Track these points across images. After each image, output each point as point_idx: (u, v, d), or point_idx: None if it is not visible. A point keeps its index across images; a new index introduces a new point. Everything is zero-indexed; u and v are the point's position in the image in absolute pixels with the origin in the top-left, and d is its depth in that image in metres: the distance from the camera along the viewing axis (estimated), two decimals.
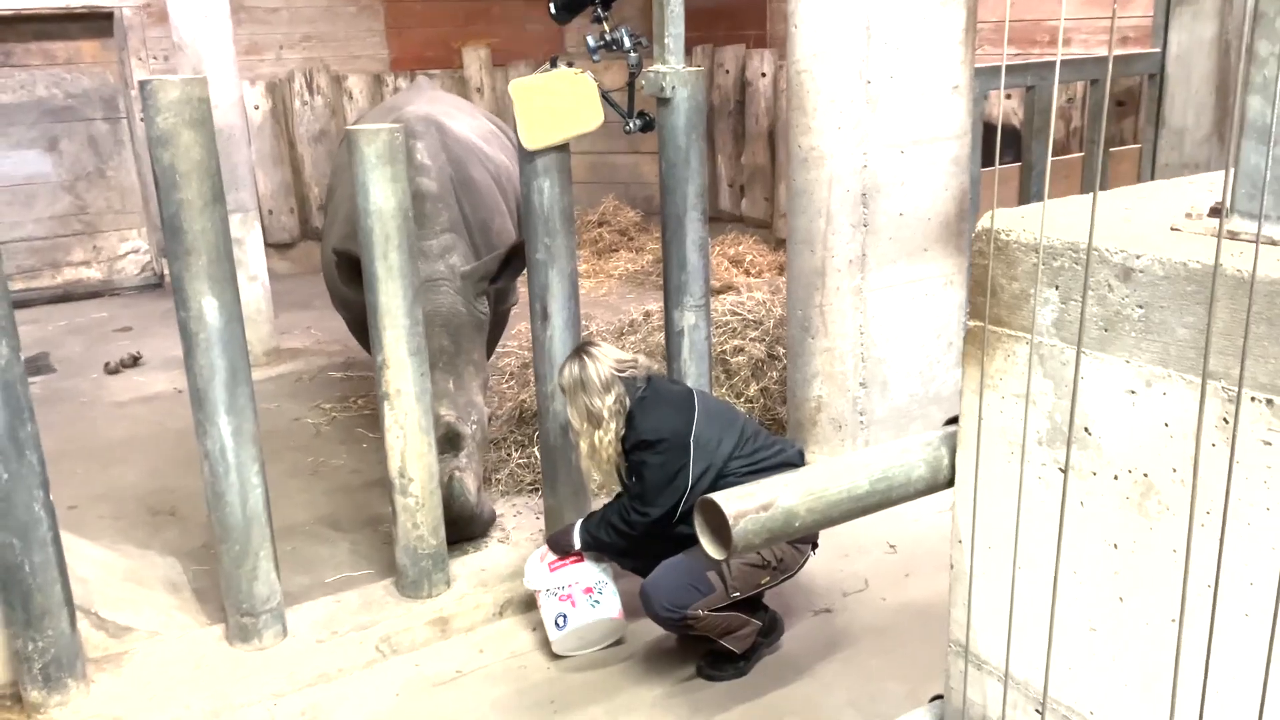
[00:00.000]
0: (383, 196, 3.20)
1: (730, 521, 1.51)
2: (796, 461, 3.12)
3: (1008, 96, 5.67)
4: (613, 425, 3.08)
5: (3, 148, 7.46)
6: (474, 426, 3.95)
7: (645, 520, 3.08)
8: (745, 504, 1.54)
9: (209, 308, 2.98)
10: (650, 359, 4.74)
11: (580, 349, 3.19)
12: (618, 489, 3.29)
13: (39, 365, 6.38)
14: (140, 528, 4.30)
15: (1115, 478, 1.46)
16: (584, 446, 3.17)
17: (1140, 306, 1.39)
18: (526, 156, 3.41)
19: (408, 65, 8.56)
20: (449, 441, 3.80)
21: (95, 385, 6.06)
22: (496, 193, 4.70)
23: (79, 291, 7.83)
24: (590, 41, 3.35)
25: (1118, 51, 5.60)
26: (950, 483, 1.70)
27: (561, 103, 3.34)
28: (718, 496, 1.55)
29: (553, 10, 3.38)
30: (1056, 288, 1.49)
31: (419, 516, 3.46)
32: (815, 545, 3.25)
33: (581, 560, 3.29)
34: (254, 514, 3.17)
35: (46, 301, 7.68)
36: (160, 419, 5.48)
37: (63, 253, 7.83)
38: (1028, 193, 4.86)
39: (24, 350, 6.69)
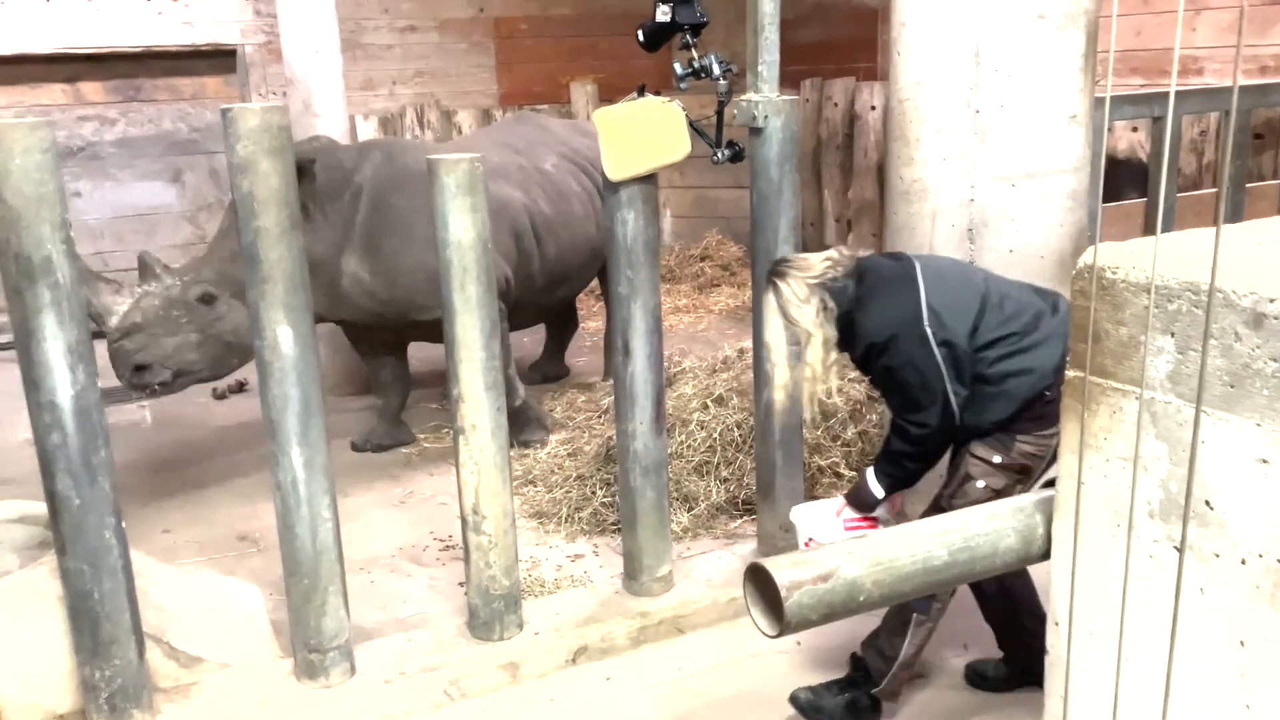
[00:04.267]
0: (462, 228, 3.14)
1: (783, 594, 1.33)
2: (1060, 331, 2.69)
3: (1133, 129, 5.33)
4: (819, 337, 2.80)
5: (130, 179, 7.79)
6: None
7: (926, 431, 2.74)
8: (801, 574, 1.36)
9: (284, 337, 2.95)
10: (735, 390, 4.57)
11: (771, 270, 2.92)
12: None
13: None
14: (228, 554, 4.32)
15: (1243, 562, 1.23)
16: (779, 375, 2.94)
17: (1274, 359, 1.17)
18: (611, 187, 3.31)
19: (516, 100, 8.64)
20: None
21: (202, 410, 6.20)
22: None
23: None
24: (677, 69, 3.24)
25: (1258, 81, 5.20)
26: (1045, 555, 1.48)
27: (647, 132, 3.23)
28: (769, 563, 1.37)
29: (641, 38, 3.27)
30: (1172, 335, 1.27)
31: (491, 555, 3.36)
32: None
33: (876, 526, 2.98)
34: (324, 548, 3.12)
35: None
36: (259, 445, 5.55)
37: None
38: (1152, 230, 4.53)
39: None
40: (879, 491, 2.94)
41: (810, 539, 3.03)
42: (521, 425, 5.09)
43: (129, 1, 7.37)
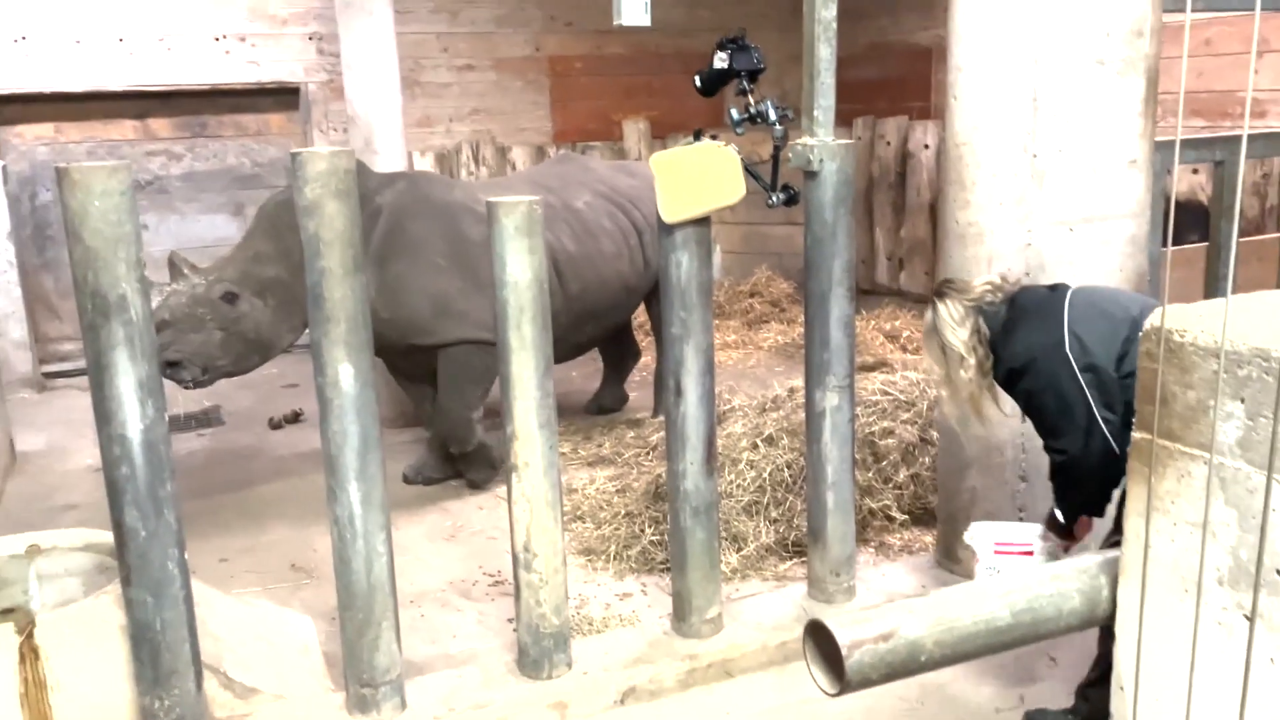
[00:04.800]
0: (519, 268, 3.18)
1: (844, 652, 1.33)
2: None
3: (1194, 171, 5.27)
4: (971, 360, 2.90)
5: (195, 211, 8.02)
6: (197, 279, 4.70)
7: (1065, 458, 2.77)
8: (862, 632, 1.36)
9: (345, 374, 3.00)
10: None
11: (936, 290, 3.03)
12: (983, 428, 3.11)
13: (211, 418, 6.72)
14: (282, 584, 4.39)
15: None
16: (945, 393, 3.01)
17: None
18: (665, 229, 3.34)
19: (570, 137, 8.76)
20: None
21: (258, 439, 6.32)
22: (436, 252, 5.01)
23: None
24: (733, 114, 3.27)
25: None
26: (1110, 618, 1.47)
27: (702, 176, 3.26)
28: (829, 621, 1.38)
29: (698, 84, 3.32)
30: (1242, 400, 1.26)
31: (542, 594, 3.37)
32: None
33: (1030, 556, 3.00)
34: (378, 582, 3.15)
35: None
36: (314, 475, 5.64)
37: None
38: (1215, 275, 4.46)
39: (199, 403, 7.12)
40: (1061, 517, 2.97)
41: (978, 558, 3.13)
42: (470, 465, 5.33)
43: (198, 42, 7.62)
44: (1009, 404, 3.06)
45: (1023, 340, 2.83)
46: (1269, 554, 1.24)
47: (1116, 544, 2.56)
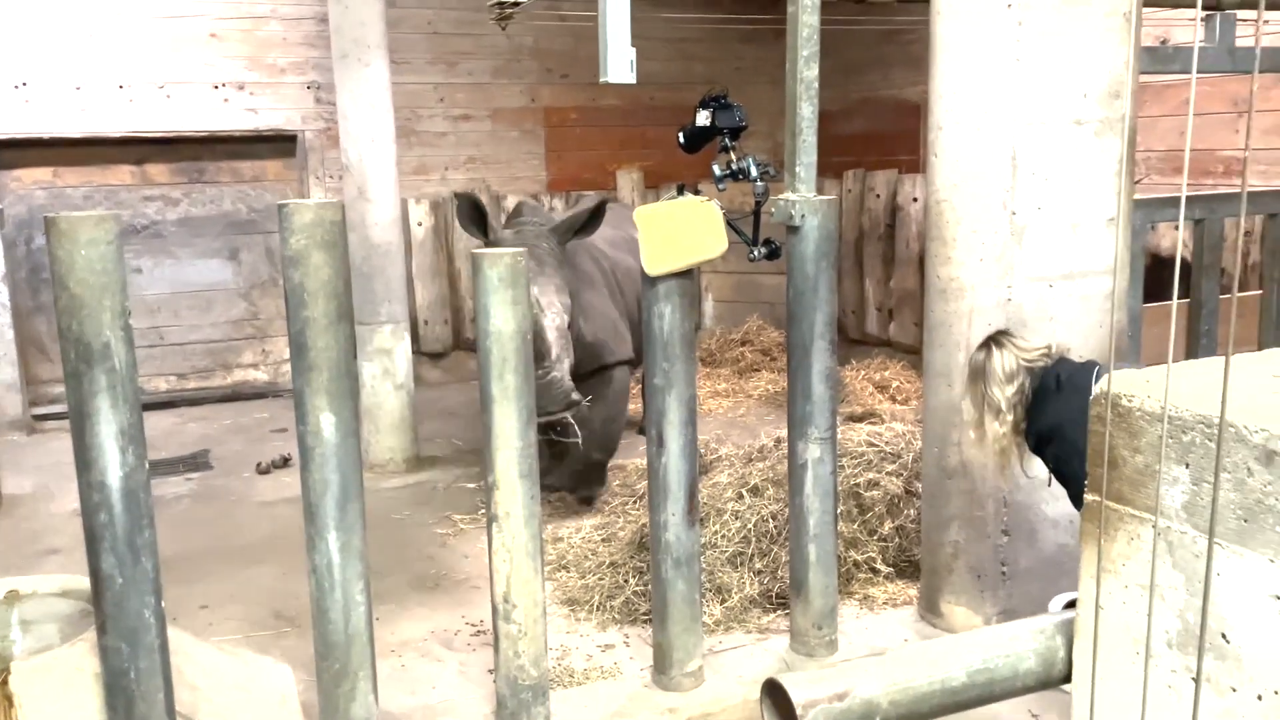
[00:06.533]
0: (502, 319, 3.21)
1: (799, 711, 1.34)
2: None
3: (1176, 228, 5.33)
4: (1010, 417, 3.01)
5: (190, 256, 8.08)
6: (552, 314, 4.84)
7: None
8: (817, 691, 1.37)
9: (326, 423, 3.02)
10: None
11: (992, 337, 3.13)
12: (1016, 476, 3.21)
13: (198, 462, 6.71)
14: (264, 632, 4.36)
15: (1259, 698, 1.22)
16: (973, 435, 3.11)
17: None
18: (648, 281, 3.38)
19: (564, 186, 8.86)
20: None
21: (246, 484, 6.31)
22: (600, 282, 5.59)
23: (246, 392, 8.27)
24: (716, 170, 3.34)
25: None
26: (1066, 679, 1.48)
27: (685, 229, 3.31)
28: (785, 679, 1.38)
29: (681, 140, 3.39)
30: (1186, 465, 1.28)
31: (521, 645, 3.36)
32: None
33: None
34: (356, 632, 3.14)
35: (216, 400, 8.14)
36: (301, 522, 5.63)
37: (234, 355, 8.32)
38: (1197, 332, 4.50)
39: (188, 446, 7.11)
40: None
41: None
42: (588, 481, 5.69)
43: (198, 89, 7.73)
44: (1035, 466, 3.15)
45: (1053, 409, 2.93)
46: (1214, 618, 1.25)
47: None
